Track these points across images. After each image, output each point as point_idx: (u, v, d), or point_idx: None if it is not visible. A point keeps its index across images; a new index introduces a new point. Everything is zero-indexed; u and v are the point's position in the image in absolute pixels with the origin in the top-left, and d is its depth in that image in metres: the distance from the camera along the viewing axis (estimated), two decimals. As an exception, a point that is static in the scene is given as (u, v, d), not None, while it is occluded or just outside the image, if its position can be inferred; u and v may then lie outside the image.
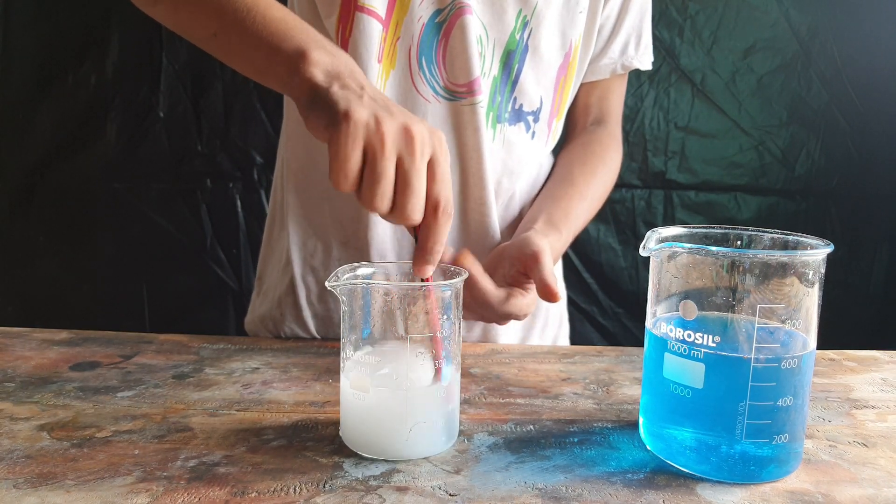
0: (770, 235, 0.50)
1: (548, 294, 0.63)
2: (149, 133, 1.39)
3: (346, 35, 0.72)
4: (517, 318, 0.67)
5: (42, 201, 1.43)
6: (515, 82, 0.76)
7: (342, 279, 0.48)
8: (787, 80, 1.38)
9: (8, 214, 1.45)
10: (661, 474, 0.46)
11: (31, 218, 1.44)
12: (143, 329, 1.44)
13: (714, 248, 0.45)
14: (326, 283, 0.47)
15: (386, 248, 0.78)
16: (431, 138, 0.50)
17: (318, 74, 0.52)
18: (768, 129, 1.40)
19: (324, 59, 0.53)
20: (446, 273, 0.51)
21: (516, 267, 0.68)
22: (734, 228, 0.52)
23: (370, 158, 0.48)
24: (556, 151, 0.87)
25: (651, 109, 1.39)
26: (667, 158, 1.40)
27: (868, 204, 1.42)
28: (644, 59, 0.85)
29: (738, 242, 0.52)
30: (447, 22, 0.71)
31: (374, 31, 0.70)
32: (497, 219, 0.79)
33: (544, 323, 0.89)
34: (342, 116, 0.48)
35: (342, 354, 0.50)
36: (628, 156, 1.41)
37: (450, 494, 0.43)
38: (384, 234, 0.78)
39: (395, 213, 0.49)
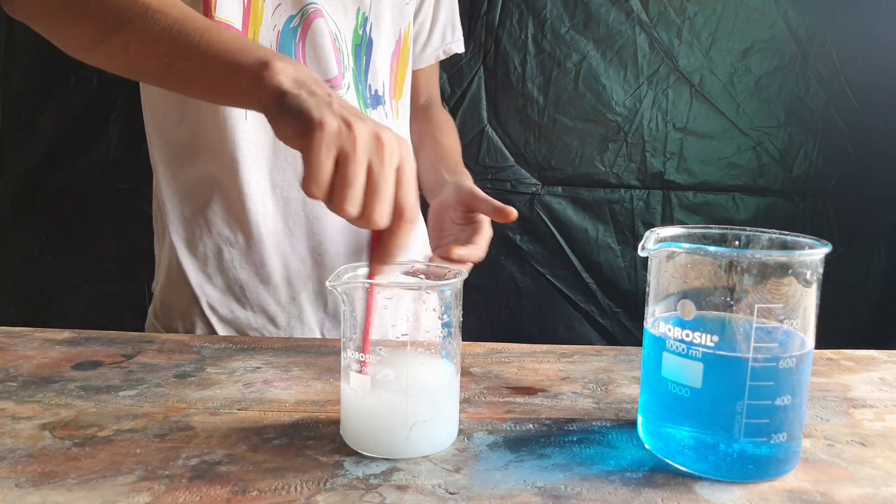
0: (768, 235, 0.50)
1: (504, 213, 0.73)
2: (149, 133, 1.39)
3: None
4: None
5: (44, 201, 1.43)
6: (367, 71, 0.83)
7: (343, 279, 0.48)
8: (785, 81, 1.39)
9: (10, 214, 1.45)
10: (659, 473, 0.46)
11: (33, 218, 1.44)
12: (144, 329, 1.44)
13: (712, 248, 0.45)
14: (327, 283, 0.48)
15: (281, 242, 0.80)
16: (399, 146, 0.51)
17: (285, 81, 0.53)
18: (766, 130, 1.41)
19: (287, 68, 0.54)
20: (445, 273, 0.52)
21: (459, 210, 0.78)
22: (732, 229, 0.53)
23: (342, 164, 0.49)
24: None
25: (649, 110, 1.39)
26: (665, 159, 1.41)
27: (866, 204, 1.42)
28: (459, 44, 1.00)
29: (737, 242, 0.52)
30: (301, 26, 0.77)
31: None
32: None
33: None
34: (316, 125, 0.49)
35: (343, 354, 0.50)
36: (627, 156, 1.41)
37: (449, 493, 0.43)
38: (277, 230, 0.80)
39: (363, 217, 0.50)
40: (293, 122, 0.50)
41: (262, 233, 0.79)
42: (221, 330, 0.82)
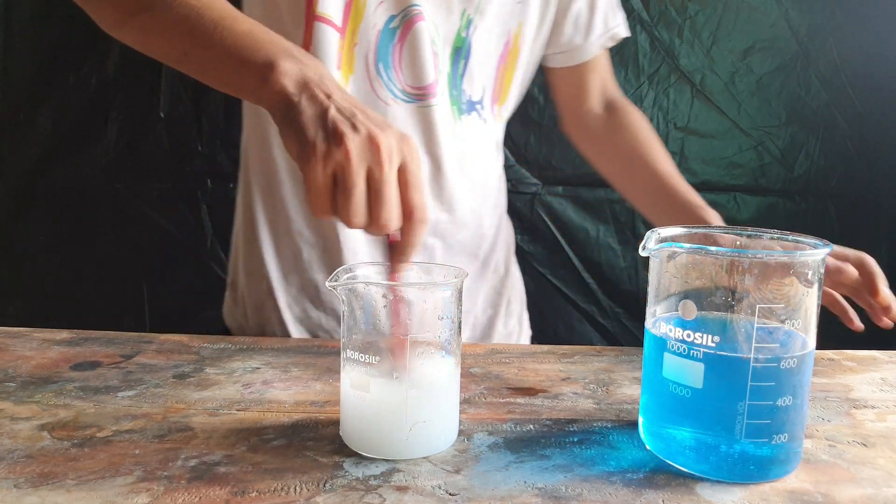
0: (769, 235, 0.50)
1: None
2: (149, 133, 1.40)
3: (307, 45, 0.73)
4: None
5: (43, 201, 1.43)
6: (463, 76, 0.80)
7: (342, 279, 0.48)
8: (787, 81, 1.39)
9: (9, 214, 1.45)
10: (660, 474, 0.46)
11: (32, 218, 1.44)
12: (143, 329, 1.45)
13: (713, 248, 0.45)
14: (327, 283, 0.47)
15: (358, 246, 0.79)
16: (400, 145, 0.50)
17: (289, 85, 0.52)
18: (767, 130, 1.40)
19: (292, 68, 0.53)
20: (444, 273, 0.52)
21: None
22: (734, 228, 0.52)
23: (340, 177, 0.49)
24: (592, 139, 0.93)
25: (650, 110, 1.39)
26: (666, 158, 1.40)
27: (867, 204, 1.42)
28: (623, 28, 0.91)
29: (738, 242, 0.52)
30: (402, 28, 0.74)
31: (331, 39, 0.73)
32: (478, 206, 0.83)
33: (508, 301, 0.92)
34: (310, 148, 0.49)
35: (342, 354, 0.50)
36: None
37: (450, 494, 0.43)
38: (356, 233, 0.79)
39: (372, 224, 0.50)
40: (293, 139, 0.51)
41: (342, 237, 0.78)
42: (293, 328, 0.82)
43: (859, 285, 0.73)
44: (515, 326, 0.94)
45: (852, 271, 0.72)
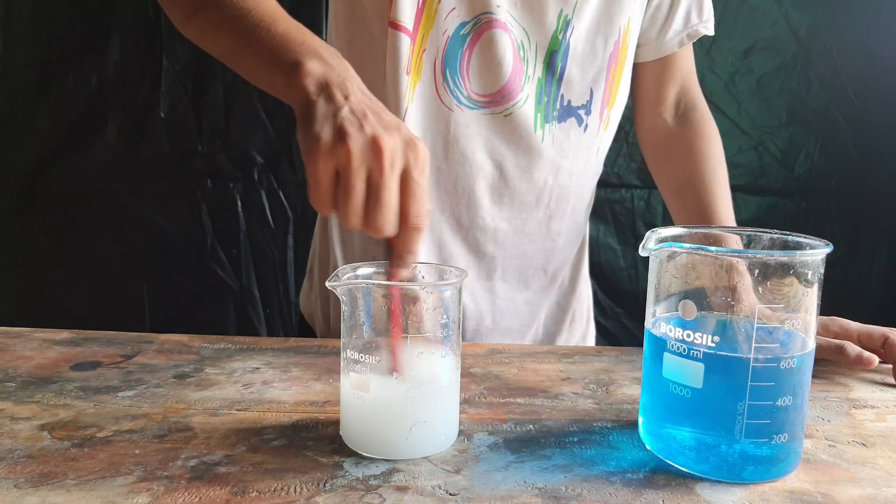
0: (769, 235, 0.50)
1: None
2: (149, 133, 1.40)
3: (386, 51, 0.73)
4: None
5: (43, 201, 1.43)
6: (560, 80, 0.77)
7: (342, 279, 0.48)
8: (787, 81, 1.39)
9: (8, 214, 1.45)
10: (660, 474, 0.46)
11: (32, 218, 1.44)
12: (143, 329, 1.44)
13: (713, 249, 0.45)
14: (326, 283, 0.48)
15: (422, 248, 0.79)
16: (404, 150, 0.50)
17: (310, 85, 0.53)
18: (768, 130, 1.40)
19: (316, 69, 0.54)
20: (444, 273, 0.52)
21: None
22: (734, 228, 0.52)
23: (341, 177, 0.49)
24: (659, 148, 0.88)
25: (651, 110, 1.39)
26: (666, 159, 1.40)
27: (867, 204, 1.42)
28: (709, 25, 0.84)
29: (738, 242, 0.52)
30: (473, 34, 0.73)
31: (403, 45, 0.72)
32: (548, 218, 0.81)
33: (572, 318, 0.90)
34: (314, 142, 0.49)
35: (342, 354, 0.50)
36: (628, 156, 1.41)
37: (450, 494, 0.43)
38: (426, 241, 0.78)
39: (368, 226, 0.50)
40: (304, 135, 0.51)
41: None
42: None
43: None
44: (578, 343, 0.92)
45: (852, 352, 0.65)
